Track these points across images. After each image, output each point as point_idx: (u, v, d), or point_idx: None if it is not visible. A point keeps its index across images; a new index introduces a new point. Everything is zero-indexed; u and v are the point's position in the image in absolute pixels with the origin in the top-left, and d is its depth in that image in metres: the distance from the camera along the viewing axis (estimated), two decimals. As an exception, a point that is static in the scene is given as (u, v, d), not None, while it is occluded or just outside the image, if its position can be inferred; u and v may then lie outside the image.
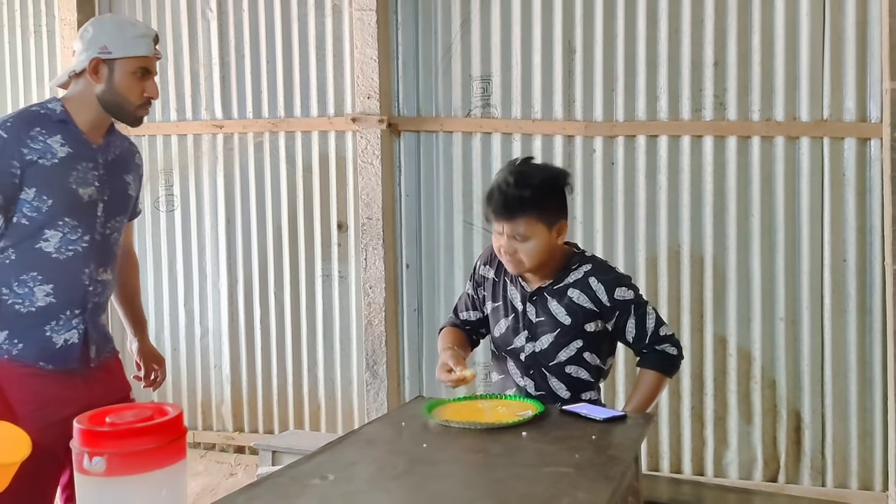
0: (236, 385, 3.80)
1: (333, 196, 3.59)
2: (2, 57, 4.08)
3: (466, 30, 3.37)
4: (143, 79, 2.05)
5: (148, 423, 1.10)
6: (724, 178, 3.10)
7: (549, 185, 2.12)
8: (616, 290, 2.17)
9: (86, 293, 2.08)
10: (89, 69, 2.01)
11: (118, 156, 2.17)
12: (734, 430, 3.16)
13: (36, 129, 2.00)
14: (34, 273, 2.02)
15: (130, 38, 2.03)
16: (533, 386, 2.22)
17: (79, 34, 2.06)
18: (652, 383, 2.22)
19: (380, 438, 1.93)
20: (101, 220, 2.10)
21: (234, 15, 3.69)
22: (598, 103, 3.22)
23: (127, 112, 2.07)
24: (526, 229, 2.09)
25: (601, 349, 2.24)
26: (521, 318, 2.21)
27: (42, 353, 2.04)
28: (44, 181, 1.98)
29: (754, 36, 3.05)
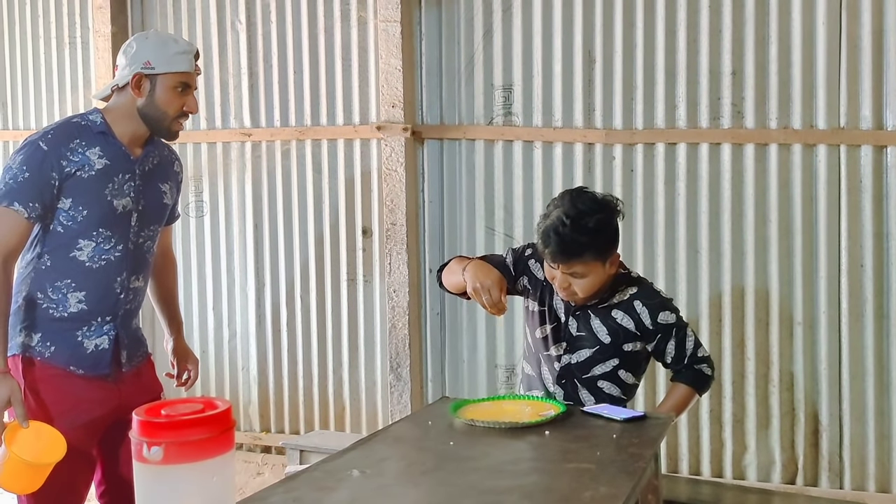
0: (263, 386, 3.90)
1: (358, 202, 3.67)
2: (38, 68, 4.21)
3: (489, 40, 3.45)
4: (183, 94, 2.13)
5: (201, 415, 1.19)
6: (741, 184, 3.16)
7: (604, 225, 2.12)
8: (660, 314, 2.22)
9: (117, 301, 2.15)
10: (132, 83, 2.09)
11: (156, 165, 2.23)
12: (752, 433, 3.20)
13: (76, 141, 2.06)
14: (68, 280, 2.08)
15: (172, 54, 2.10)
16: (563, 395, 2.27)
17: (123, 49, 2.15)
18: (683, 396, 2.28)
19: (407, 436, 2.01)
20: (134, 230, 2.16)
21: (262, 26, 3.79)
22: (617, 111, 3.28)
23: (164, 126, 2.15)
24: (583, 269, 2.12)
25: (638, 368, 2.30)
26: (563, 330, 2.27)
27: (73, 357, 2.10)
28: (80, 192, 2.05)
29: (771, 46, 3.10)
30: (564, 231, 2.07)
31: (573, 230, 2.06)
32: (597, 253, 2.11)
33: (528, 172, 3.41)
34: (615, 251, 2.17)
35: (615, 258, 2.18)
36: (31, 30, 4.21)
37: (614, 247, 2.17)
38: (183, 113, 2.15)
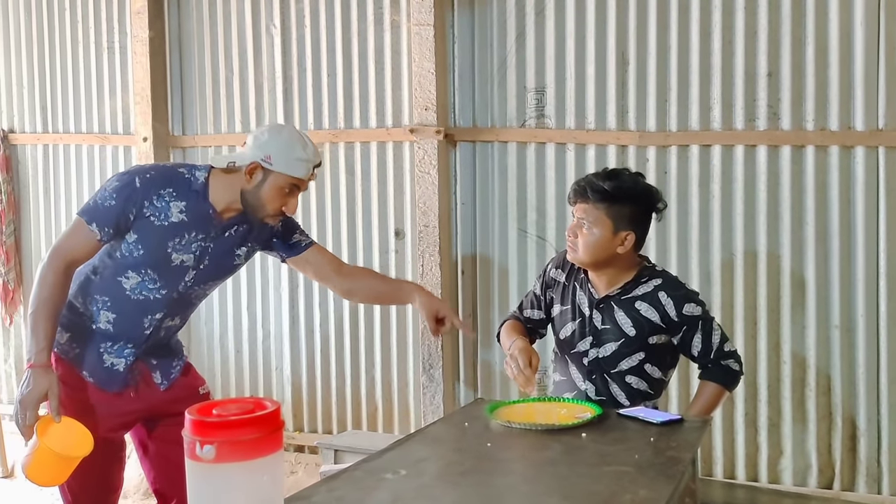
0: (297, 386, 3.94)
1: (391, 204, 3.70)
2: (77, 72, 4.29)
3: (521, 43, 3.46)
4: (289, 195, 2.16)
5: (252, 415, 1.21)
6: (777, 186, 3.13)
7: (632, 192, 2.19)
8: (685, 305, 2.22)
9: (141, 334, 2.22)
10: (247, 169, 2.13)
11: (241, 231, 2.24)
12: (788, 437, 3.18)
13: (167, 190, 2.14)
14: (106, 298, 2.17)
15: (295, 158, 2.13)
16: (594, 391, 2.28)
17: (257, 131, 2.19)
18: (713, 394, 2.28)
19: (445, 437, 2.03)
20: (185, 284, 2.22)
21: (296, 31, 3.84)
22: (651, 113, 3.27)
23: (259, 216, 2.19)
24: (591, 217, 2.17)
25: (664, 362, 2.30)
26: (588, 324, 2.28)
27: (90, 366, 2.20)
28: (146, 235, 2.13)
29: (808, 46, 3.08)
30: (592, 176, 2.22)
31: (599, 177, 2.20)
32: (610, 205, 2.16)
33: (560, 175, 3.41)
34: (631, 231, 2.18)
35: (629, 238, 2.19)
36: (71, 35, 4.30)
37: (633, 225, 2.18)
38: (280, 213, 2.19)
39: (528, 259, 3.49)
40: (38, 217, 4.44)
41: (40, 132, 4.41)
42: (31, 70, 4.40)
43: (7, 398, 4.60)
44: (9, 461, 4.43)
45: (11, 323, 4.52)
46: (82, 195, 4.32)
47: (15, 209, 4.46)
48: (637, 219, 2.20)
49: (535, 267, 3.48)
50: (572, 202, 2.24)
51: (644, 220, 2.23)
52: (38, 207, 4.44)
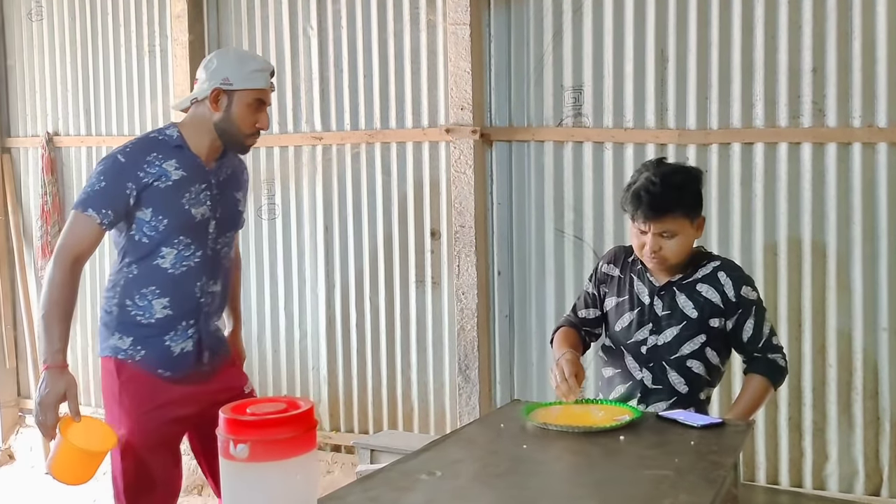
0: (333, 386, 3.96)
1: (427, 204, 3.69)
2: (119, 76, 4.37)
3: (558, 41, 3.42)
4: (257, 110, 2.21)
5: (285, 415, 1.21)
6: (823, 185, 3.05)
7: (691, 183, 2.25)
8: (743, 287, 2.25)
9: (198, 305, 2.26)
10: (210, 98, 2.18)
11: (230, 175, 2.34)
12: (834, 442, 3.09)
13: (153, 154, 2.17)
14: (153, 287, 2.19)
15: (250, 71, 2.18)
16: (651, 379, 2.28)
17: (203, 64, 2.24)
18: (759, 389, 2.26)
19: (480, 439, 2.01)
20: (212, 237, 2.27)
21: (333, 32, 3.85)
22: (691, 111, 3.21)
23: (237, 140, 2.24)
24: (674, 227, 2.19)
25: (721, 349, 2.30)
26: (648, 312, 2.29)
27: (161, 360, 2.22)
28: (159, 202, 2.16)
29: (855, 41, 2.99)
30: (654, 189, 2.16)
31: (663, 186, 2.16)
32: (686, 209, 2.20)
33: (598, 174, 3.37)
34: (701, 213, 2.25)
35: (701, 221, 2.25)
36: (113, 39, 4.37)
37: (700, 208, 2.25)
38: (256, 130, 2.23)
39: (566, 259, 3.46)
40: (81, 218, 4.51)
41: (84, 135, 4.50)
42: (74, 74, 4.49)
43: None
44: (53, 457, 4.52)
45: (56, 322, 4.60)
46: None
47: (60, 210, 4.55)
48: (700, 202, 2.27)
49: (572, 267, 3.44)
50: (641, 221, 2.18)
51: (702, 198, 2.29)
52: (81, 209, 4.51)
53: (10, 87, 4.70)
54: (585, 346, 2.48)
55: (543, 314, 3.50)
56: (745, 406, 2.24)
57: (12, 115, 4.70)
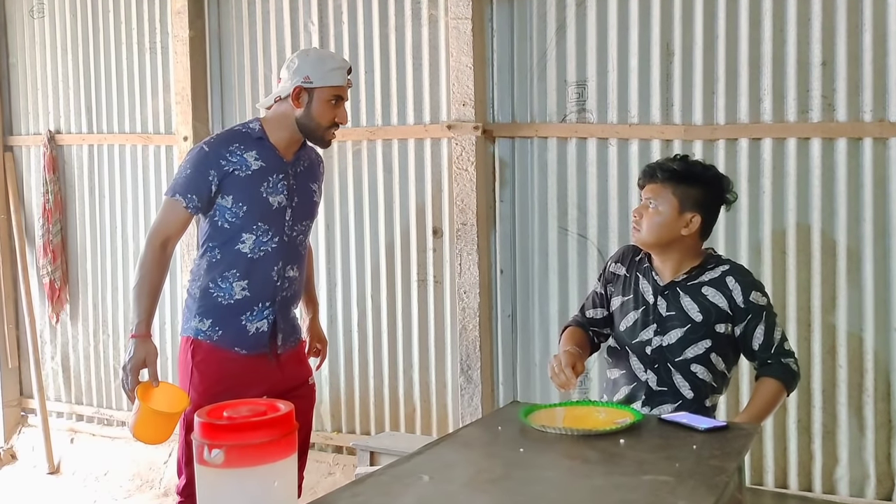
0: (334, 386, 3.91)
1: (429, 202, 3.64)
2: (121, 73, 4.33)
3: (562, 35, 3.36)
4: (336, 106, 2.38)
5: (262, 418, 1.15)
6: (833, 181, 2.97)
7: (702, 175, 2.22)
8: (752, 292, 2.19)
9: (275, 288, 2.40)
10: (292, 95, 2.35)
11: (307, 167, 2.50)
12: (845, 445, 3.02)
13: (235, 145, 2.36)
14: (234, 270, 2.37)
15: (329, 70, 2.36)
16: (656, 381, 2.23)
17: (286, 64, 2.42)
18: (772, 392, 2.20)
19: (476, 442, 1.96)
20: (288, 224, 2.42)
21: (333, 27, 3.80)
22: (697, 106, 3.14)
23: (318, 135, 2.41)
24: (658, 196, 2.18)
25: (728, 355, 2.26)
26: (652, 311, 2.24)
27: (238, 339, 2.37)
28: (239, 190, 2.34)
29: (865, 34, 2.91)
30: (665, 159, 2.29)
31: (672, 159, 2.25)
32: (678, 185, 2.18)
33: (602, 171, 3.31)
34: (698, 213, 2.19)
35: (694, 220, 2.19)
36: (115, 36, 4.34)
37: (700, 207, 2.19)
38: (335, 124, 2.39)
39: (569, 258, 3.39)
40: (83, 216, 4.50)
41: (85, 133, 4.47)
42: (76, 71, 4.46)
43: (54, 395, 4.68)
44: (55, 458, 4.50)
45: (58, 321, 4.59)
46: (126, 195, 4.36)
47: (62, 209, 4.53)
48: (704, 202, 2.22)
49: (576, 266, 3.38)
50: (641, 185, 2.27)
51: (712, 205, 2.24)
52: (83, 207, 4.50)
53: (13, 85, 4.67)
54: (594, 346, 2.43)
55: (546, 314, 3.44)
56: (756, 409, 2.18)
57: (14, 113, 4.68)
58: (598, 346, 2.45)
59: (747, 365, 2.71)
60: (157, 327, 4.22)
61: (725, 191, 2.25)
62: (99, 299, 4.48)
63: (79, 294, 4.54)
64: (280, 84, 2.42)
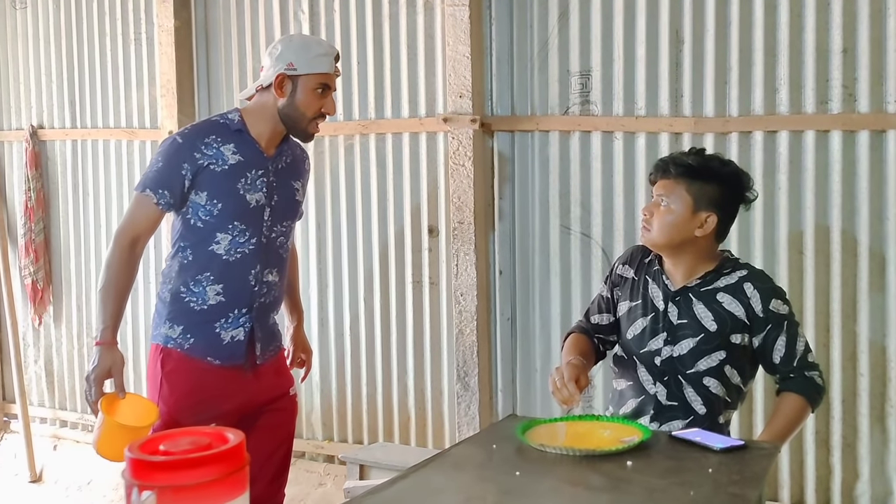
0: (326, 393, 3.73)
1: (424, 200, 3.46)
2: (105, 65, 4.17)
3: (564, 23, 3.18)
4: (322, 95, 2.20)
5: (205, 453, 0.97)
6: (854, 176, 2.79)
7: (719, 171, 2.03)
8: (772, 301, 2.01)
9: (252, 293, 2.22)
10: (275, 84, 2.16)
11: (289, 163, 2.31)
12: (866, 459, 2.83)
13: (211, 137, 2.18)
14: (207, 273, 2.19)
15: (314, 56, 2.18)
16: (666, 394, 2.04)
17: (268, 51, 2.24)
18: (796, 409, 2.02)
19: (468, 462, 1.78)
20: (267, 224, 2.24)
21: (325, 16, 3.63)
22: (709, 97, 2.96)
23: (302, 126, 2.22)
24: (670, 193, 2.01)
25: (744, 367, 2.07)
26: (662, 319, 2.05)
27: (211, 348, 2.20)
28: (214, 186, 2.16)
29: (889, 19, 2.73)
30: (679, 153, 2.11)
31: (687, 154, 2.09)
32: (693, 181, 2.00)
33: (607, 166, 3.12)
34: (713, 213, 2.02)
35: (710, 220, 2.01)
36: (99, 27, 4.18)
37: (716, 206, 2.02)
38: (321, 115, 2.22)
39: (572, 258, 3.21)
40: (67, 215, 4.33)
41: (69, 127, 4.30)
42: (59, 64, 4.30)
43: (37, 400, 4.52)
44: (37, 466, 4.34)
45: (41, 323, 4.43)
46: (111, 192, 4.19)
47: (44, 206, 4.36)
48: (721, 202, 2.03)
49: (579, 267, 3.20)
50: (652, 180, 2.10)
51: (729, 205, 2.06)
52: (67, 205, 4.33)
53: (-6, 78, 4.51)
54: (599, 354, 2.25)
55: (548, 317, 3.26)
56: (779, 428, 2.00)
57: (-4, 107, 4.52)
58: (603, 354, 2.27)
59: (761, 377, 2.53)
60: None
61: (745, 189, 2.07)
62: (83, 301, 4.31)
63: (62, 295, 4.37)
64: (262, 72, 2.23)
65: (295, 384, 2.43)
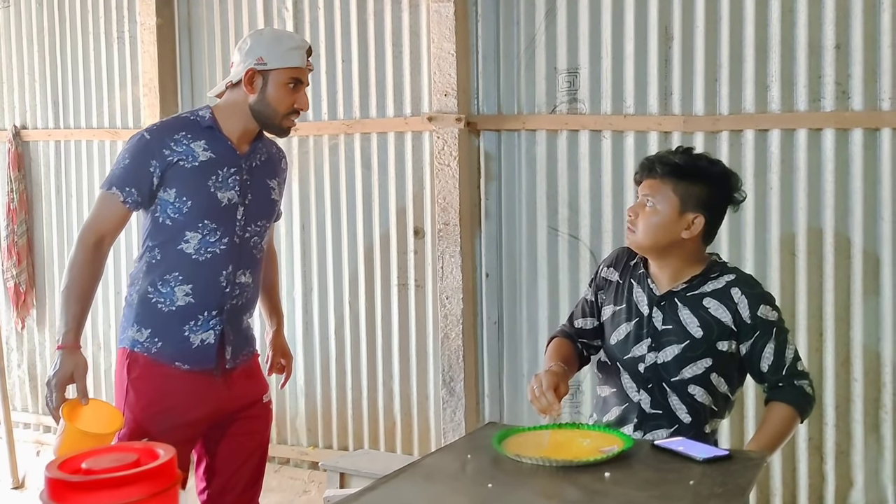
0: (311, 398, 3.66)
1: (410, 200, 3.39)
2: (88, 65, 4.10)
3: (552, 19, 3.11)
4: (294, 90, 2.12)
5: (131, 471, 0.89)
6: (847, 176, 2.72)
7: (706, 171, 1.97)
8: (760, 306, 1.94)
9: (223, 295, 2.14)
10: (245, 79, 2.10)
11: (264, 161, 2.24)
12: (860, 466, 2.76)
13: (181, 133, 2.11)
14: (176, 273, 2.11)
15: (285, 49, 2.11)
16: (650, 402, 1.97)
17: (238, 46, 2.17)
18: (785, 419, 1.94)
19: (440, 474, 1.71)
20: (240, 224, 2.16)
21: (309, 13, 3.56)
22: (698, 95, 2.89)
23: (275, 122, 2.15)
24: (656, 194, 1.94)
25: (731, 375, 1.99)
26: (646, 324, 1.98)
27: (179, 352, 2.11)
28: (183, 183, 2.08)
29: (883, 14, 2.66)
30: (665, 152, 2.04)
31: (674, 153, 2.02)
32: (680, 181, 1.93)
33: (595, 166, 3.05)
34: (701, 214, 1.94)
35: (697, 222, 1.94)
36: (82, 26, 4.11)
37: (703, 207, 1.95)
38: (294, 110, 2.15)
39: (560, 260, 3.14)
40: (50, 216, 4.27)
41: (52, 128, 4.23)
42: (42, 63, 4.23)
43: (21, 405, 4.44)
44: (20, 472, 4.26)
45: (24, 327, 4.36)
46: (94, 194, 4.09)
47: (27, 208, 4.29)
48: (709, 202, 1.96)
49: (567, 269, 3.13)
50: (637, 180, 2.03)
51: (717, 206, 1.99)
52: (50, 206, 4.26)
53: (-23, 78, 4.44)
54: (583, 360, 2.18)
55: (535, 320, 3.18)
56: (767, 438, 1.92)
57: (-22, 108, 4.45)
58: (587, 359, 2.19)
59: (752, 384, 2.46)
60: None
61: (733, 189, 2.00)
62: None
63: (45, 298, 4.30)
64: (233, 68, 2.15)
65: (269, 391, 2.34)
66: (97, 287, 2.12)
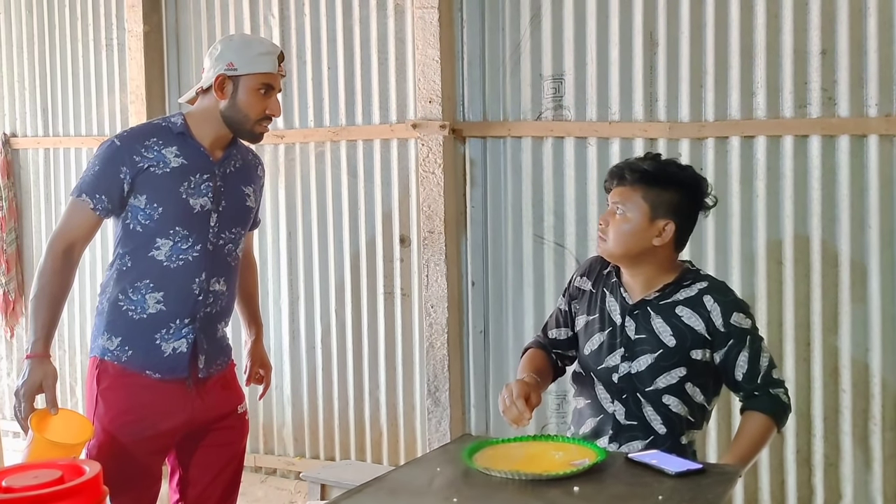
0: (297, 407, 3.63)
1: (396, 208, 3.36)
2: (76, 72, 4.09)
3: (536, 25, 3.08)
4: (265, 96, 2.09)
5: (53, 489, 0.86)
6: (834, 183, 2.68)
7: (676, 177, 1.94)
8: (733, 314, 1.91)
9: (196, 303, 2.11)
10: (215, 85, 2.07)
11: (239, 168, 2.21)
12: (849, 479, 2.71)
13: (152, 140, 2.09)
14: (147, 280, 2.08)
15: (255, 55, 2.08)
16: (624, 413, 1.94)
17: (208, 52, 2.15)
18: (760, 429, 1.91)
19: (406, 488, 1.67)
20: (213, 231, 2.13)
21: (295, 20, 3.54)
22: (684, 101, 2.86)
23: (246, 128, 2.12)
24: (626, 201, 1.91)
25: (706, 385, 1.96)
26: (619, 334, 1.96)
27: (150, 361, 2.08)
28: (154, 189, 2.06)
29: (869, 19, 2.63)
30: (632, 159, 2.02)
31: (643, 159, 1.99)
32: (650, 188, 1.91)
33: (580, 173, 3.02)
34: (671, 221, 1.92)
35: (668, 228, 1.91)
36: (71, 33, 4.10)
37: (674, 214, 1.92)
38: (266, 116, 2.12)
39: (545, 269, 3.11)
40: (39, 224, 4.25)
41: (41, 135, 4.22)
42: (31, 71, 4.23)
43: (10, 414, 4.41)
44: (7, 480, 4.24)
45: (13, 336, 4.34)
46: (82, 201, 4.10)
47: (17, 216, 4.28)
48: (679, 209, 1.93)
49: (552, 277, 3.09)
50: (607, 188, 2.02)
51: (688, 212, 1.96)
52: (39, 215, 4.25)
53: (-33, 86, 4.44)
54: (557, 371, 2.14)
55: (521, 329, 3.15)
56: (742, 449, 1.89)
57: (-32, 115, 4.45)
58: (562, 370, 2.16)
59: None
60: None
61: (703, 194, 1.98)
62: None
63: (34, 307, 4.28)
64: (203, 74, 2.13)
65: (245, 401, 2.31)
66: (67, 295, 2.09)
